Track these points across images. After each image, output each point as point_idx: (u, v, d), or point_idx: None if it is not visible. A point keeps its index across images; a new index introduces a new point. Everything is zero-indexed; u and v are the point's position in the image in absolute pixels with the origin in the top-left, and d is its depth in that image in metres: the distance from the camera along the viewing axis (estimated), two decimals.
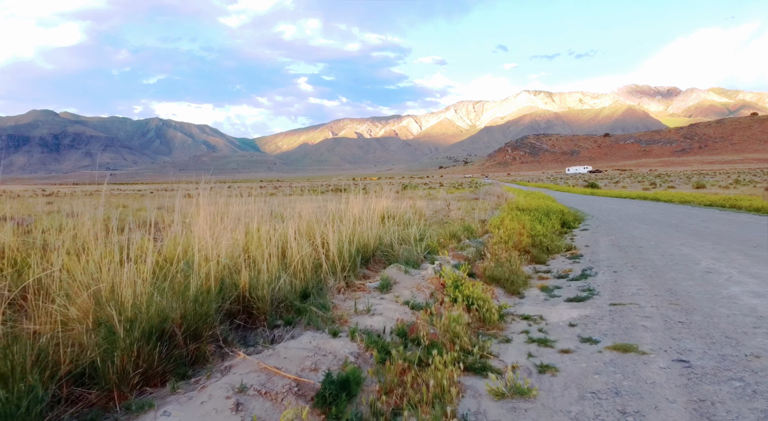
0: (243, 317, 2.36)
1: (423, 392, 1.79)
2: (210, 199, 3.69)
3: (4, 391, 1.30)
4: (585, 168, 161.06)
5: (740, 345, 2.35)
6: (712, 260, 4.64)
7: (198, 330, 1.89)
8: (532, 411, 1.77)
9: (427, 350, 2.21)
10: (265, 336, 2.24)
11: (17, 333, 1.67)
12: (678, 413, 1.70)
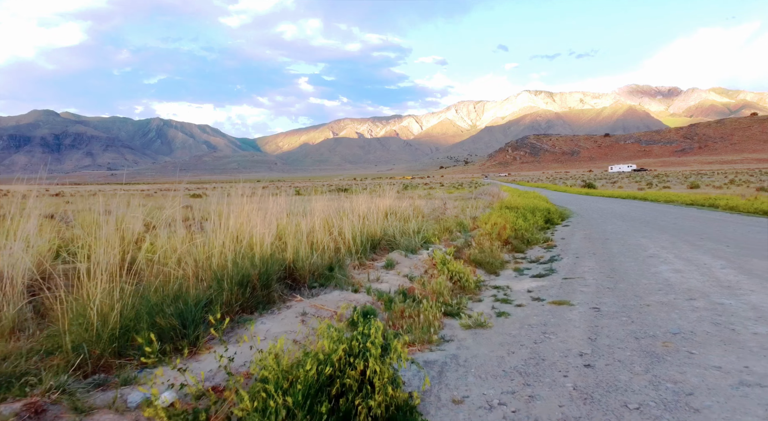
0: (289, 281, 3.32)
1: (416, 322, 2.74)
2: (233, 199, 4.64)
3: (181, 303, 2.25)
4: (629, 166, 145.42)
5: (641, 300, 3.30)
6: (660, 248, 5.60)
7: (267, 283, 2.86)
8: (487, 333, 2.72)
9: (419, 302, 3.17)
10: (306, 292, 3.20)
11: (159, 283, 2.62)
12: (578, 332, 2.65)
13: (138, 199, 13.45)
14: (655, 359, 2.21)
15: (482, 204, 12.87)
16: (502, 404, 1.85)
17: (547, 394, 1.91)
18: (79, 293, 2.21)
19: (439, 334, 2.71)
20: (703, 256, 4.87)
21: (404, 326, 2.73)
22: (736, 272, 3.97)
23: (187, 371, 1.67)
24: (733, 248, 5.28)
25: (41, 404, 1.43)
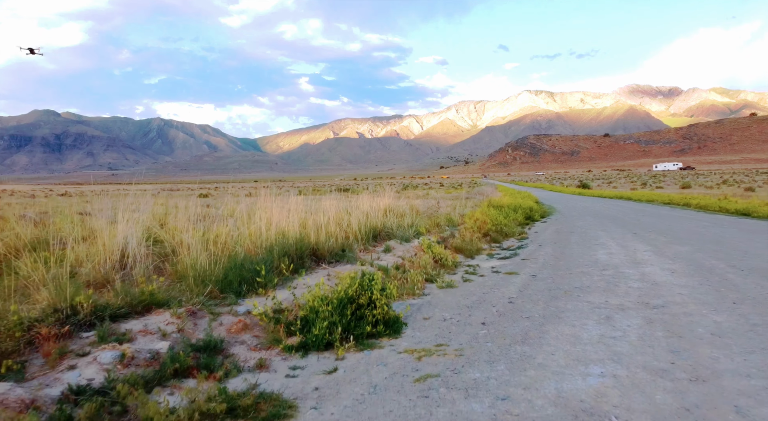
0: (314, 257, 4.53)
1: (405, 284, 3.95)
2: (255, 198, 5.84)
3: (244, 270, 3.47)
4: (675, 164, 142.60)
5: (568, 271, 4.51)
6: (610, 238, 6.81)
7: (300, 256, 4.08)
8: (453, 291, 3.93)
9: (408, 272, 4.38)
10: (325, 265, 4.41)
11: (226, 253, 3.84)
12: (514, 288, 3.87)
13: (159, 199, 14.57)
14: (554, 299, 3.41)
15: (473, 203, 14.08)
16: (452, 318, 3.06)
17: (480, 314, 3.12)
18: (184, 258, 3.41)
19: (422, 292, 3.92)
20: (638, 244, 6.09)
21: (397, 286, 3.93)
22: (651, 254, 5.18)
23: (267, 298, 2.89)
24: (667, 238, 6.50)
25: (194, 310, 2.62)
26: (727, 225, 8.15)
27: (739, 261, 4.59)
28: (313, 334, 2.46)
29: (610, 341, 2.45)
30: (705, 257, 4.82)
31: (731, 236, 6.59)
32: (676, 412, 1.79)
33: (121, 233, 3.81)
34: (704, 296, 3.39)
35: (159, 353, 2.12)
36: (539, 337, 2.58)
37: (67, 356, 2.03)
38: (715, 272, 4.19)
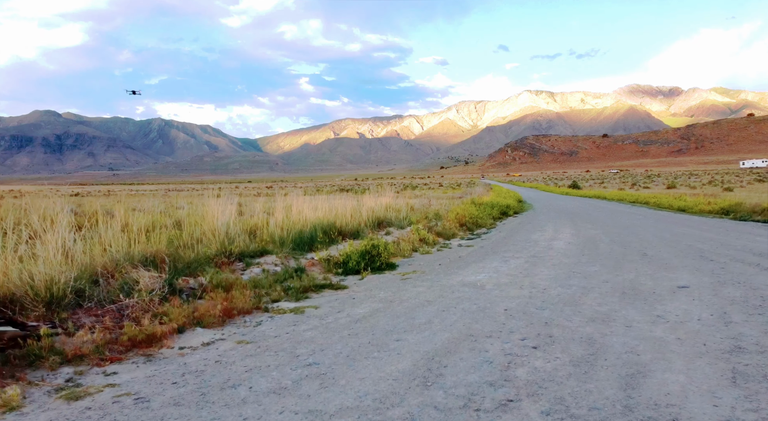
0: (340, 234, 6.81)
1: (398, 251, 6.22)
2: (283, 197, 8.12)
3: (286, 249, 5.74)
4: (763, 161, 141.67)
5: (505, 244, 6.78)
6: (553, 228, 9.09)
7: (332, 233, 6.36)
8: (429, 256, 6.19)
9: (401, 244, 6.67)
10: (348, 240, 6.69)
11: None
12: (465, 252, 6.14)
13: (182, 198, 16.64)
14: (484, 256, 5.68)
15: (462, 201, 16.37)
16: (424, 265, 5.34)
17: (440, 262, 5.39)
18: (264, 232, 5.68)
19: (410, 255, 6.21)
20: (570, 229, 8.38)
21: (393, 249, 6.21)
22: (569, 235, 7.47)
23: (321, 251, 5.20)
24: (592, 225, 8.79)
25: (286, 256, 4.89)
26: (654, 218, 10.46)
27: (624, 239, 6.88)
28: (349, 266, 4.75)
29: (500, 267, 4.70)
30: (602, 236, 7.12)
31: (644, 224, 8.89)
32: (518, 282, 4.07)
33: (220, 219, 6.08)
34: (570, 253, 5.68)
35: (277, 271, 4.41)
36: (465, 267, 4.87)
37: (236, 271, 4.31)
38: (595, 242, 6.49)
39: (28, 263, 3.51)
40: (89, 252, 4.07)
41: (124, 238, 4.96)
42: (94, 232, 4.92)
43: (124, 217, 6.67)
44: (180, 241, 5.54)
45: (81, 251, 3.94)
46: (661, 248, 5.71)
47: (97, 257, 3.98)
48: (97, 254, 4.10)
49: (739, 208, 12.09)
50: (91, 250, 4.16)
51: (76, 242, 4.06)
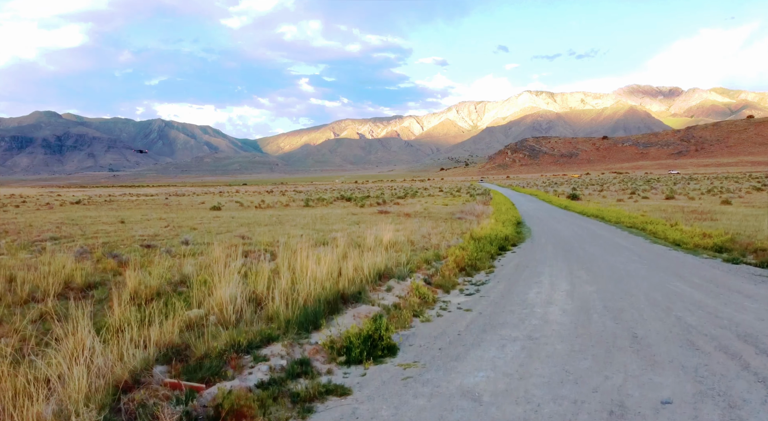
0: (342, 300, 7.03)
1: (399, 319, 6.44)
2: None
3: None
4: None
5: (506, 316, 7.01)
6: (549, 281, 9.28)
7: (335, 301, 6.59)
8: (430, 324, 6.41)
9: (402, 310, 6.89)
10: (351, 306, 6.91)
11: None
12: (464, 323, 6.36)
13: (187, 216, 16.79)
14: (488, 333, 5.91)
15: (461, 230, 16.60)
16: (423, 345, 5.55)
17: (443, 343, 5.61)
18: (271, 306, 5.91)
19: (410, 324, 6.43)
20: (566, 284, 8.58)
21: (394, 321, 6.44)
22: (567, 295, 7.67)
23: (323, 332, 5.42)
24: (590, 275, 9.00)
25: (291, 344, 5.12)
26: (648, 260, 10.70)
27: (616, 303, 7.07)
28: (352, 356, 4.98)
29: (497, 359, 4.93)
30: (596, 298, 7.32)
31: (637, 273, 9.11)
32: (513, 390, 4.28)
33: (226, 292, 6.30)
34: (564, 333, 5.89)
35: (283, 365, 4.63)
36: (465, 355, 5.09)
37: (244, 369, 4.54)
38: (589, 312, 6.70)
39: None
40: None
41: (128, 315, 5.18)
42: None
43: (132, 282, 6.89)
44: (184, 317, 5.77)
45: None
46: (651, 323, 5.92)
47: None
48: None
49: (733, 246, 12.32)
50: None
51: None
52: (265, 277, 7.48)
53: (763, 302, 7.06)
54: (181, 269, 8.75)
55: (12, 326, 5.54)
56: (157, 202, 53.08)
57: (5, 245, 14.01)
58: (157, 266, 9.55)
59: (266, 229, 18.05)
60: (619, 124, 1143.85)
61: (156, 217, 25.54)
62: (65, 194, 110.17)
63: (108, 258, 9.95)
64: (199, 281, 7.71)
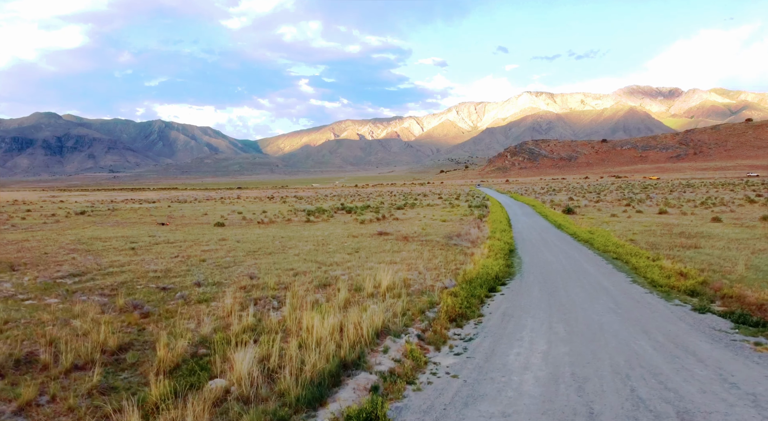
0: (344, 374, 8.03)
1: (394, 389, 7.44)
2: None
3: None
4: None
5: (487, 388, 8.01)
6: (529, 343, 10.31)
7: (339, 374, 7.59)
8: (421, 394, 7.41)
9: (398, 377, 7.89)
10: (351, 378, 7.91)
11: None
12: (450, 395, 7.37)
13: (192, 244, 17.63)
14: (465, 406, 6.91)
15: (456, 263, 17.58)
16: (416, 417, 6.56)
17: (431, 409, 6.61)
18: (285, 382, 6.90)
19: (403, 394, 7.43)
20: (544, 344, 9.60)
21: (389, 392, 7.43)
22: (542, 362, 8.69)
23: (327, 406, 6.43)
24: (567, 334, 10.02)
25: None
26: (625, 309, 11.73)
27: (586, 383, 8.11)
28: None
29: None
30: (566, 372, 8.34)
31: (610, 328, 10.14)
32: None
33: (244, 367, 7.30)
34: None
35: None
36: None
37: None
38: (558, 392, 7.72)
39: None
40: None
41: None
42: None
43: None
44: (210, 395, 6.77)
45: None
46: (608, 396, 6.88)
47: None
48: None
49: (704, 290, 13.33)
50: None
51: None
52: (276, 340, 8.49)
53: (712, 368, 8.07)
54: (200, 329, 9.74)
55: (66, 403, 6.54)
56: (161, 214, 54.08)
57: (29, 284, 15.03)
58: (179, 319, 10.59)
59: (271, 261, 19.04)
60: (619, 124, 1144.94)
61: (163, 240, 26.55)
62: (67, 200, 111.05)
63: (132, 312, 10.95)
64: (218, 342, 8.75)
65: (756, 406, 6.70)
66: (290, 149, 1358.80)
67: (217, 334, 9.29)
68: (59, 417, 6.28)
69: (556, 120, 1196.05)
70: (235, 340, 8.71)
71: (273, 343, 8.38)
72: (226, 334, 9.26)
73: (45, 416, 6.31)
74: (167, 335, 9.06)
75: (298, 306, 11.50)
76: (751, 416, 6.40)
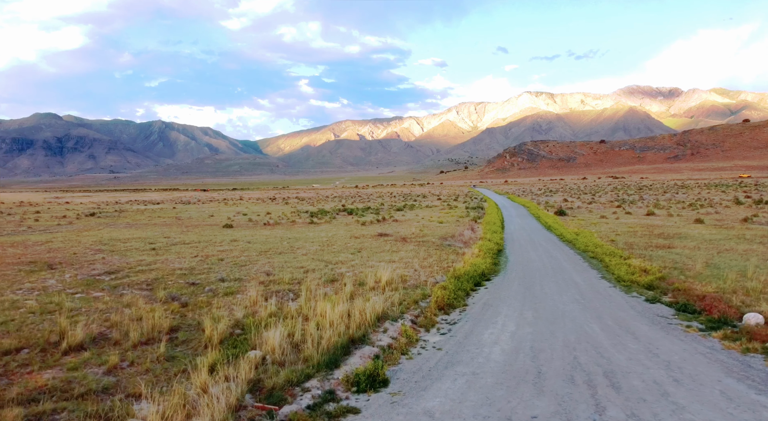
0: (353, 345, 10.14)
1: (391, 359, 9.55)
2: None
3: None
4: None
5: (462, 355, 10.12)
6: (501, 324, 12.42)
7: (348, 346, 9.71)
8: (412, 361, 9.51)
9: (394, 350, 10.01)
10: (359, 349, 10.02)
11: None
12: (435, 361, 9.47)
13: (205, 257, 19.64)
14: (446, 367, 9.01)
15: (448, 261, 19.69)
16: (406, 378, 8.66)
17: (415, 377, 8.72)
18: (306, 350, 9.01)
19: (398, 361, 9.53)
20: (512, 325, 11.71)
21: (387, 360, 9.53)
22: (510, 336, 10.80)
23: (342, 368, 8.56)
24: (535, 314, 12.14)
25: (321, 380, 8.22)
26: (595, 304, 13.86)
27: (545, 347, 10.22)
28: (360, 387, 8.10)
29: (448, 390, 8.04)
30: (527, 344, 10.46)
31: (574, 320, 12.27)
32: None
33: (276, 339, 9.39)
34: (502, 381, 9.01)
35: (319, 394, 7.75)
36: (430, 387, 8.21)
37: (296, 396, 7.66)
38: (525, 371, 9.83)
39: None
40: None
41: None
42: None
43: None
44: (251, 359, 8.88)
45: None
46: (555, 362, 8.96)
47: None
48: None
49: (660, 284, 15.44)
50: None
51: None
52: (297, 322, 10.62)
53: (643, 343, 10.19)
54: (233, 314, 11.87)
55: (144, 366, 8.67)
56: (168, 215, 56.15)
57: (71, 281, 17.14)
58: (213, 308, 12.71)
59: (283, 260, 21.13)
60: (619, 124, 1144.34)
61: (179, 241, 28.59)
62: (72, 201, 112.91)
63: (172, 302, 13.09)
64: (250, 325, 10.88)
65: (667, 368, 8.81)
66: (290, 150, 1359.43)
67: (247, 319, 11.42)
68: (140, 376, 8.39)
69: (556, 120, 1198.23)
70: (264, 322, 10.83)
71: (295, 324, 10.51)
72: (255, 318, 11.39)
73: (128, 375, 8.42)
74: (208, 319, 11.18)
75: (311, 297, 13.63)
76: (660, 375, 8.51)
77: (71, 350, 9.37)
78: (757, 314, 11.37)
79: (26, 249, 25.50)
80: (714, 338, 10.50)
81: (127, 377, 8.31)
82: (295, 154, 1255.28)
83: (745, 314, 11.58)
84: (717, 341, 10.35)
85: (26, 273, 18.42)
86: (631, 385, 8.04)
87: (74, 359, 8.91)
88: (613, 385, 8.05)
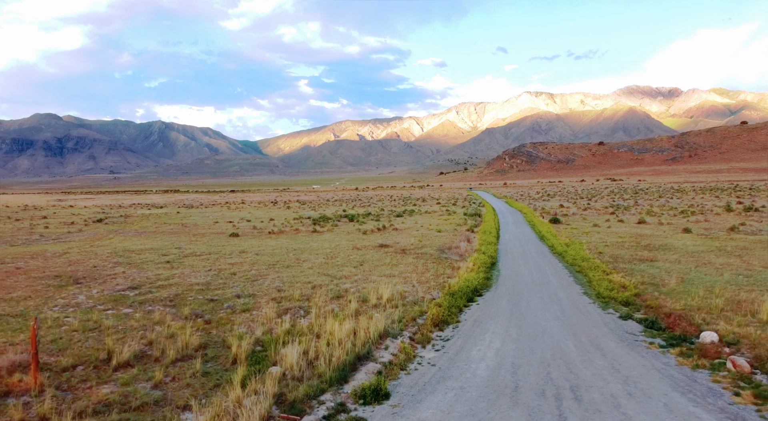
0: (358, 363, 11.77)
1: (391, 374, 11.18)
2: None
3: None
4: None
5: (453, 371, 11.75)
6: (489, 341, 14.05)
7: (356, 362, 11.35)
8: (409, 376, 11.13)
9: (394, 366, 11.65)
10: (366, 365, 11.64)
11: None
12: (429, 376, 11.11)
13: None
14: (439, 381, 10.64)
15: (445, 275, 21.31)
16: (403, 392, 10.30)
17: (411, 391, 10.35)
18: (320, 367, 10.63)
19: (398, 376, 11.17)
20: (498, 342, 13.35)
21: (389, 375, 11.16)
22: (495, 354, 12.44)
23: (350, 383, 10.20)
24: (518, 333, 13.77)
25: (333, 394, 9.86)
26: (575, 322, 15.50)
27: (527, 365, 11.87)
28: (366, 400, 9.73)
29: (440, 402, 9.65)
30: (509, 359, 12.12)
31: (553, 339, 13.91)
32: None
33: (294, 358, 11.01)
34: (484, 396, 10.65)
35: (332, 406, 9.39)
36: (425, 400, 9.85)
37: (314, 407, 9.29)
38: (504, 387, 11.49)
39: None
40: None
41: None
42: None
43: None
44: (273, 375, 10.51)
45: None
46: (531, 377, 10.62)
47: None
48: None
49: (634, 301, 17.07)
50: None
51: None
52: (310, 340, 12.26)
53: (609, 359, 11.82)
54: (253, 331, 13.51)
55: (184, 381, 10.31)
56: (174, 221, 57.69)
57: (99, 296, 18.75)
58: (234, 325, 14.34)
59: (291, 274, 22.75)
60: (619, 124, 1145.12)
61: (190, 252, 30.17)
62: (76, 204, 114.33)
63: (197, 319, 14.73)
64: (268, 341, 12.52)
65: (624, 383, 10.44)
66: (290, 150, 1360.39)
67: (266, 336, 13.07)
68: (182, 389, 10.03)
69: (556, 120, 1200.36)
70: (281, 340, 12.48)
71: (309, 341, 12.15)
72: (272, 336, 13.03)
73: (172, 389, 10.06)
74: (231, 336, 12.82)
75: (320, 314, 15.27)
76: (617, 389, 10.14)
77: (120, 366, 11.01)
78: (713, 333, 12.98)
79: (46, 261, 27.10)
80: (671, 355, 12.13)
81: (173, 391, 9.94)
82: (295, 154, 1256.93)
83: (703, 332, 13.19)
84: (673, 357, 11.98)
85: (55, 288, 20.01)
86: (591, 398, 9.67)
87: (125, 375, 10.54)
88: (576, 398, 9.68)
